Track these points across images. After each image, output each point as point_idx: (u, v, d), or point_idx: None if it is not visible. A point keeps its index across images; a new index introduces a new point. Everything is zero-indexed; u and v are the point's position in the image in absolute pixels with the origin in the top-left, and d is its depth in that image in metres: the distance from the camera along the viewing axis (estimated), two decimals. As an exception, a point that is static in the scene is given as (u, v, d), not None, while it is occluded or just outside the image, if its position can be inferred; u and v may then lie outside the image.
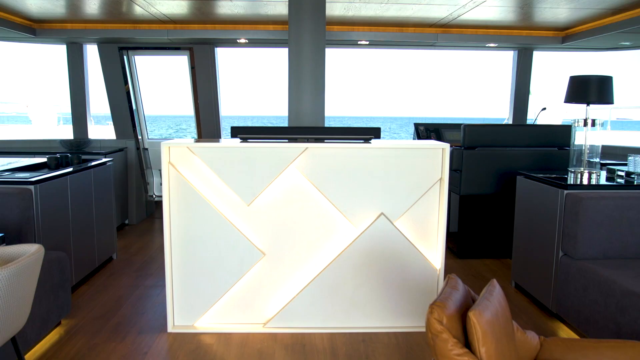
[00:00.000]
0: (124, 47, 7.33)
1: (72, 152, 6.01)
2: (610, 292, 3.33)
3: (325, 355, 3.52)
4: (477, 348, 1.73)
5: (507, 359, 1.86)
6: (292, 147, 3.72)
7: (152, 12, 5.74)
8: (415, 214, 3.82)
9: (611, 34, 5.85)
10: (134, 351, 3.55)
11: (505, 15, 5.95)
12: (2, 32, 6.11)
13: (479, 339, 1.73)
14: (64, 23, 6.45)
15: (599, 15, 5.74)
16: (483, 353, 1.72)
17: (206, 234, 3.77)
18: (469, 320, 1.74)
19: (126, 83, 7.46)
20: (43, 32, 6.53)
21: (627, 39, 6.20)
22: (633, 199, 3.81)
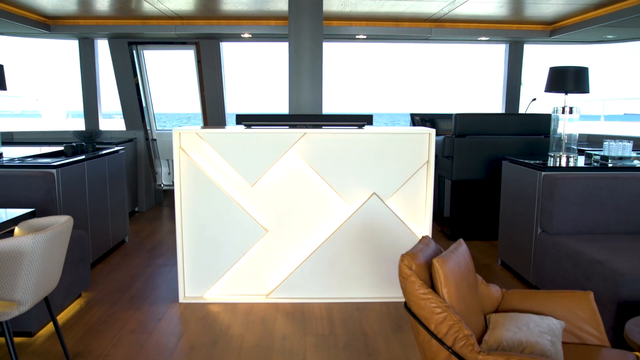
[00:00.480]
0: (134, 42, 7.70)
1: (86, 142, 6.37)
2: (578, 262, 3.68)
3: (323, 321, 3.88)
4: (440, 289, 2.09)
5: (467, 301, 2.22)
6: (292, 133, 4.08)
7: (160, 8, 6.10)
8: (404, 194, 4.17)
9: (596, 27, 6.17)
10: (149, 318, 3.92)
11: (496, 9, 6.27)
12: (18, 28, 6.48)
13: (441, 282, 2.09)
14: (77, 19, 6.83)
15: (583, 10, 6.06)
16: (445, 293, 2.08)
17: (213, 213, 4.13)
18: (433, 266, 2.10)
19: (135, 76, 7.83)
20: (57, 28, 6.91)
21: (612, 32, 6.53)
22: (603, 179, 4.16)
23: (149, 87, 8.25)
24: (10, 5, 5.89)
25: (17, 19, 6.10)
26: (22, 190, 4.01)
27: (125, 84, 7.88)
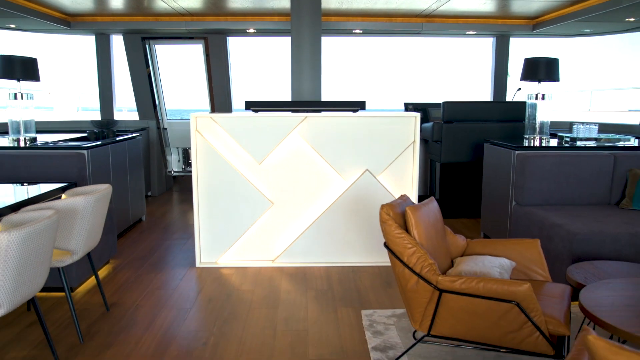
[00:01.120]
0: (146, 37, 8.27)
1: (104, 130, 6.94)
2: (543, 226, 4.26)
3: (322, 280, 4.46)
4: (411, 231, 2.67)
5: (434, 243, 2.80)
6: (295, 117, 4.65)
7: (174, 6, 6.66)
8: (394, 170, 4.75)
9: (573, 22, 6.71)
10: (171, 279, 4.51)
11: (482, 6, 6.82)
12: (41, 24, 7.04)
13: (412, 225, 2.66)
14: (94, 16, 7.39)
15: (561, 6, 6.61)
16: (415, 234, 2.66)
17: (226, 188, 4.71)
18: (406, 213, 2.68)
19: (147, 67, 8.39)
20: (76, 25, 7.48)
21: (588, 27, 7.07)
22: (568, 157, 4.72)
23: (160, 79, 8.82)
24: (34, 4, 6.45)
25: (41, 16, 6.66)
26: (59, 167, 4.58)
27: (139, 76, 8.45)
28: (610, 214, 4.35)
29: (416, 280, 2.57)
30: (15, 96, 5.00)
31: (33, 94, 5.17)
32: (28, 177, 4.54)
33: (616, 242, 3.84)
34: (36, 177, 4.52)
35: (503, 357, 3.02)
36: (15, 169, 4.54)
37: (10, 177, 4.51)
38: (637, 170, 4.65)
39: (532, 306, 2.37)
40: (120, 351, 3.18)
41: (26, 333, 3.43)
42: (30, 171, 4.53)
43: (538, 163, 4.70)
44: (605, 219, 4.15)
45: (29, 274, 2.52)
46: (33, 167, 4.53)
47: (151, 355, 3.13)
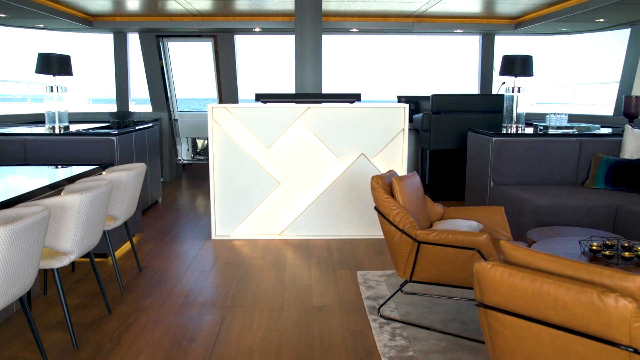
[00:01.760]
0: (160, 35, 8.91)
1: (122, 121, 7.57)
2: (515, 202, 4.92)
3: (323, 249, 5.12)
4: (396, 196, 3.32)
5: (415, 207, 3.46)
6: (298, 107, 5.30)
7: (187, 8, 7.30)
8: (386, 154, 5.40)
9: (550, 22, 7.36)
10: (191, 248, 5.16)
11: (469, 7, 7.45)
12: (65, 24, 7.67)
13: (397, 192, 3.32)
14: (114, 17, 8.03)
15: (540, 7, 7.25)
16: (399, 199, 3.32)
17: (238, 169, 5.36)
18: (392, 182, 3.34)
19: (160, 59, 9.05)
20: (97, 24, 8.12)
21: (564, 26, 7.71)
22: (539, 142, 5.38)
23: (172, 74, 9.47)
24: (61, 5, 7.08)
25: (66, 16, 7.29)
26: (92, 151, 5.22)
27: (153, 71, 9.09)
28: (574, 191, 5.01)
29: (400, 235, 3.23)
30: (52, 89, 5.65)
31: (67, 87, 5.82)
32: (65, 159, 5.18)
33: (575, 213, 4.51)
34: (72, 159, 5.16)
35: (471, 304, 3.68)
36: (55, 152, 5.19)
37: (51, 159, 5.16)
38: (599, 154, 5.31)
39: (489, 252, 3.03)
40: (155, 300, 3.84)
41: (75, 287, 4.09)
42: (68, 154, 5.18)
43: (513, 148, 5.36)
44: (568, 196, 4.81)
45: (92, 230, 3.18)
46: (70, 151, 5.17)
47: (182, 304, 3.78)
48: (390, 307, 3.66)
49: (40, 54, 5.64)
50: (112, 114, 8.06)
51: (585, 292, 1.54)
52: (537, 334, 1.71)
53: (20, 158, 5.19)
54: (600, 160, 5.25)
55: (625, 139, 5.31)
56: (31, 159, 5.18)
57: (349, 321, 3.49)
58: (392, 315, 3.52)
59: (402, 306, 3.67)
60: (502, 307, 1.78)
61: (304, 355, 3.02)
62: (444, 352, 3.01)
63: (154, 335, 3.28)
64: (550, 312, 1.64)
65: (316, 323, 3.46)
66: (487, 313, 1.85)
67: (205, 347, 3.11)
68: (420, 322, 3.40)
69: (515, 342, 1.79)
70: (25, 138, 5.23)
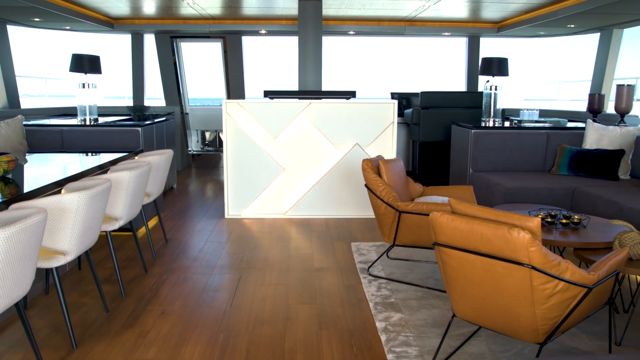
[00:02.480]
0: (175, 36, 9.67)
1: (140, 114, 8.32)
2: (489, 185, 5.69)
3: (322, 227, 5.89)
4: (382, 175, 4.09)
5: (398, 186, 4.22)
6: (301, 102, 6.06)
7: (200, 12, 8.05)
8: (377, 143, 6.16)
9: (527, 27, 8.11)
10: (207, 225, 5.93)
11: (455, 13, 8.20)
12: (90, 26, 8.42)
13: (383, 172, 4.09)
14: (133, 19, 8.78)
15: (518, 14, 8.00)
16: (385, 178, 4.08)
17: (248, 157, 6.12)
18: (379, 164, 4.10)
19: (173, 55, 9.81)
20: (118, 26, 8.87)
21: (541, 30, 8.47)
22: (511, 134, 6.14)
23: (184, 71, 10.24)
24: (86, 9, 7.83)
25: (90, 19, 8.03)
26: (119, 140, 5.97)
27: (167, 69, 9.85)
28: (540, 177, 5.78)
29: (385, 206, 4.00)
30: (84, 85, 6.40)
31: (97, 84, 6.57)
32: (97, 147, 5.94)
33: (538, 194, 5.28)
34: (104, 147, 5.92)
35: (446, 265, 4.46)
36: (88, 141, 5.94)
37: (85, 147, 5.91)
38: (564, 145, 6.08)
39: (455, 220, 3.79)
40: (182, 264, 4.61)
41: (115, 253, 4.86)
42: (99, 143, 5.93)
43: (489, 139, 6.13)
44: (534, 180, 5.58)
45: (137, 201, 3.94)
46: (101, 140, 5.93)
47: (204, 266, 4.55)
48: (378, 268, 4.43)
49: (73, 54, 6.39)
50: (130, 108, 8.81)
51: (500, 228, 2.31)
52: (472, 261, 2.48)
53: (58, 146, 5.95)
54: (565, 150, 6.02)
55: (586, 131, 6.08)
56: (67, 147, 5.93)
57: (343, 278, 4.26)
58: (379, 274, 4.29)
59: (387, 268, 4.44)
60: (448, 244, 2.54)
61: (307, 302, 3.80)
62: (419, 299, 3.79)
63: (185, 288, 4.05)
64: (478, 245, 2.41)
65: (317, 280, 4.23)
66: (439, 250, 2.62)
67: (228, 296, 3.88)
68: (402, 279, 4.18)
69: (458, 269, 2.56)
70: (62, 129, 5.98)
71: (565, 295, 2.35)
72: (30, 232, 2.34)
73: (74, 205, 2.88)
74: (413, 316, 3.50)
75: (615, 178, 5.57)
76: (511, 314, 2.44)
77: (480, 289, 2.50)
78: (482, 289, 2.49)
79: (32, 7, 6.51)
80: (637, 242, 3.04)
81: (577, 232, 3.59)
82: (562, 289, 2.32)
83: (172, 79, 9.91)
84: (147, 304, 3.74)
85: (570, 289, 2.34)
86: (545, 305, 2.35)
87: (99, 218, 3.25)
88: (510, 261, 2.33)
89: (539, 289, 2.32)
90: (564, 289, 2.33)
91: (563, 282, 2.31)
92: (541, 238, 2.34)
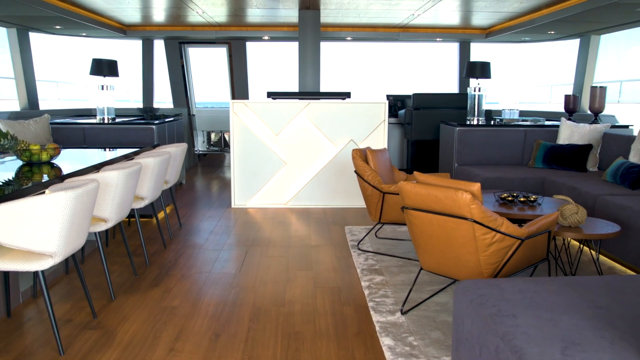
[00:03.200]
0: (183, 42, 10.37)
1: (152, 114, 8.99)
2: (470, 176, 6.32)
3: (320, 214, 6.53)
4: (369, 163, 4.74)
5: (384, 172, 4.87)
6: (301, 102, 6.72)
7: (208, 20, 8.74)
8: (370, 140, 6.81)
9: (512, 33, 8.77)
10: (216, 213, 6.57)
11: (447, 20, 8.86)
12: (105, 33, 9.12)
13: (370, 159, 4.74)
14: (144, 26, 9.47)
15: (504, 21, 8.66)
16: (372, 165, 4.73)
17: (253, 152, 6.77)
18: (367, 153, 4.75)
19: (181, 60, 10.51)
20: (130, 33, 9.57)
21: (526, 36, 9.13)
22: (493, 131, 6.78)
23: (192, 75, 10.93)
24: (102, 17, 8.52)
25: (106, 26, 8.72)
26: (136, 137, 6.63)
27: (175, 73, 10.55)
28: (517, 169, 6.41)
29: (371, 189, 4.64)
30: (102, 87, 7.07)
31: (114, 86, 7.24)
32: (115, 143, 6.60)
33: (512, 183, 5.91)
34: (122, 143, 6.58)
35: (426, 242, 5.09)
36: (108, 138, 6.60)
37: (105, 143, 6.57)
38: (540, 141, 6.71)
39: (431, 199, 4.43)
40: (196, 242, 5.26)
41: (135, 234, 5.52)
42: (117, 139, 6.59)
43: (472, 136, 6.77)
44: (510, 171, 6.21)
45: (159, 184, 4.59)
46: (119, 136, 6.59)
47: (215, 243, 5.19)
48: (367, 245, 5.07)
49: (93, 59, 7.07)
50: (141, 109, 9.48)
51: (449, 191, 2.95)
52: (430, 219, 3.12)
53: (81, 142, 6.61)
54: (540, 145, 6.65)
55: (560, 128, 6.71)
56: (89, 143, 6.60)
57: (336, 252, 4.90)
58: (367, 249, 4.93)
59: (375, 245, 5.08)
60: (412, 207, 3.19)
61: (304, 269, 4.44)
62: (399, 267, 4.43)
63: (200, 258, 4.70)
64: (434, 205, 3.05)
65: (313, 253, 4.88)
66: (407, 212, 3.26)
67: (237, 265, 4.53)
68: (386, 253, 4.82)
69: (420, 227, 3.21)
70: (84, 126, 6.66)
71: (502, 245, 2.99)
72: (89, 195, 3.00)
73: (114, 180, 3.54)
74: (393, 278, 4.15)
75: (583, 170, 6.20)
76: (461, 261, 3.09)
77: (437, 241, 3.14)
78: (439, 241, 3.13)
79: (57, 16, 7.20)
80: (573, 212, 3.68)
81: (533, 207, 4.23)
82: (499, 239, 2.96)
83: (180, 82, 10.60)
84: (169, 270, 4.39)
85: (505, 240, 2.98)
86: (486, 252, 2.99)
87: (132, 194, 3.90)
88: (457, 217, 2.97)
89: (481, 239, 2.96)
90: (500, 239, 2.97)
91: (499, 233, 2.95)
92: (482, 199, 2.98)
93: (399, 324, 3.36)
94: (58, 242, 2.91)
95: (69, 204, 2.87)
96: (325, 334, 3.27)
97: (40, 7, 6.57)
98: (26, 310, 3.61)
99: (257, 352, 3.03)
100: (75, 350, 3.05)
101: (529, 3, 7.10)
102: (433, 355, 2.97)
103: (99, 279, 4.13)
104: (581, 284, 2.42)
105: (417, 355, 2.98)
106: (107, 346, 3.10)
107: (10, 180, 3.64)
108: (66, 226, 2.91)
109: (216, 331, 3.29)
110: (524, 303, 2.21)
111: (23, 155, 4.24)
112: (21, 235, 2.86)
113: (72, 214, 2.92)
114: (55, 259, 2.95)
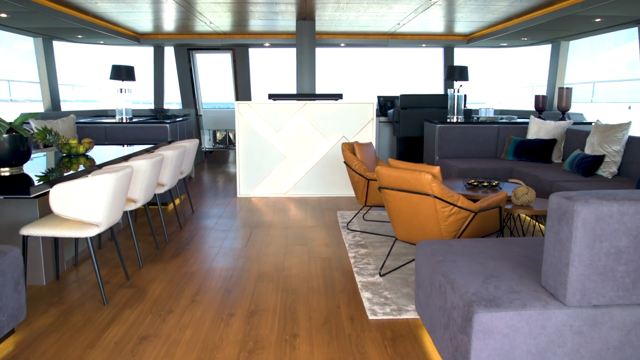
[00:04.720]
0: (191, 48, 11.19)
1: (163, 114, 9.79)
2: (449, 167, 7.12)
3: (315, 202, 7.33)
4: (357, 154, 5.54)
5: (368, 162, 5.68)
6: (299, 103, 7.52)
7: (214, 28, 9.56)
8: (360, 136, 7.61)
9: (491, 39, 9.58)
10: (223, 202, 7.38)
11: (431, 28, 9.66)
12: (121, 41, 9.93)
13: (357, 151, 5.54)
14: (156, 35, 10.29)
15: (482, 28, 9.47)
16: (358, 156, 5.53)
17: (256, 147, 7.58)
18: (354, 145, 5.56)
19: (190, 63, 11.34)
20: (143, 41, 10.39)
21: (503, 42, 9.94)
22: (469, 128, 7.59)
23: (199, 78, 11.76)
24: (118, 27, 9.32)
25: (121, 35, 9.53)
26: (151, 134, 7.43)
27: (184, 76, 11.37)
28: (490, 161, 7.21)
29: (357, 176, 5.45)
30: (121, 90, 7.87)
31: (131, 89, 8.05)
32: (133, 139, 7.40)
33: (484, 173, 6.71)
34: (138, 140, 7.38)
35: (406, 223, 5.90)
36: (126, 135, 7.41)
37: (124, 140, 7.38)
38: (511, 136, 7.51)
39: (408, 185, 5.24)
40: (207, 225, 6.06)
41: (154, 219, 6.32)
42: (135, 136, 7.40)
43: (451, 132, 7.57)
44: (483, 163, 7.01)
45: (176, 174, 5.40)
46: (137, 134, 7.39)
47: (224, 225, 5.99)
48: (355, 226, 5.88)
49: (113, 65, 7.87)
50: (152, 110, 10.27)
51: (414, 173, 3.75)
52: (400, 197, 3.92)
53: (102, 139, 7.42)
54: (511, 140, 7.45)
55: (529, 125, 7.51)
56: (110, 140, 7.41)
57: (328, 231, 5.71)
58: (355, 229, 5.74)
59: (362, 225, 5.89)
60: (386, 187, 3.99)
61: (300, 244, 5.24)
62: (382, 242, 5.23)
63: (212, 236, 5.51)
64: (403, 184, 3.86)
65: (308, 232, 5.69)
66: (383, 192, 4.06)
67: (243, 241, 5.34)
68: (372, 232, 5.62)
69: (393, 204, 4.01)
70: (106, 125, 7.46)
71: (458, 216, 3.79)
72: (126, 177, 3.80)
73: (143, 167, 4.34)
74: (375, 251, 4.95)
75: (548, 161, 7.00)
76: (426, 230, 3.89)
77: (406, 214, 3.95)
78: (408, 214, 3.94)
79: (80, 27, 8.00)
80: (524, 193, 4.48)
81: (495, 190, 5.03)
82: (456, 212, 3.77)
83: (188, 85, 11.42)
84: (185, 245, 5.20)
85: (461, 212, 3.78)
86: (446, 222, 3.79)
87: (156, 180, 4.70)
88: (421, 193, 3.78)
89: (441, 212, 3.76)
90: (457, 212, 3.77)
91: (455, 207, 3.75)
92: (441, 179, 3.79)
93: (377, 283, 4.16)
94: (103, 214, 3.70)
95: (112, 183, 3.66)
96: (316, 290, 4.07)
97: (66, 20, 7.37)
98: (70, 275, 4.41)
99: (262, 303, 3.84)
100: (115, 302, 3.85)
101: (500, 14, 7.91)
102: (403, 304, 3.77)
103: (127, 252, 4.94)
104: (514, 242, 3.21)
105: (389, 304, 3.78)
106: (141, 299, 3.90)
107: (57, 168, 4.46)
108: (109, 201, 3.70)
109: (228, 288, 4.10)
110: (464, 253, 3.01)
111: (64, 148, 5.05)
112: (75, 208, 3.65)
113: (114, 192, 3.71)
114: (100, 228, 3.74)
